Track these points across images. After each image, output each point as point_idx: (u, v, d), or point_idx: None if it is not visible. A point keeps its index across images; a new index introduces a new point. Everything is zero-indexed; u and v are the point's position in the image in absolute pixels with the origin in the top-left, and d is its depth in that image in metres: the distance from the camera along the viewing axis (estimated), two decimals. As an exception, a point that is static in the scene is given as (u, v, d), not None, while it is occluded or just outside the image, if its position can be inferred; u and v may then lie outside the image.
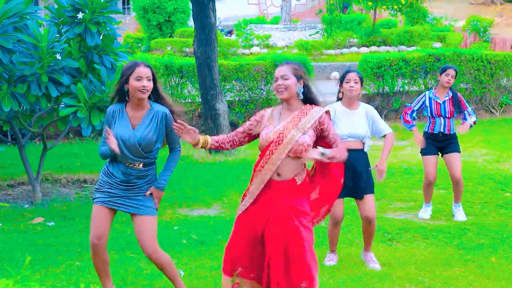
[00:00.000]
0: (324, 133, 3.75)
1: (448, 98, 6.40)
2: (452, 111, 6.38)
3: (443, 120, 6.39)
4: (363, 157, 5.00)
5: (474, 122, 6.40)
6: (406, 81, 12.83)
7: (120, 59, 6.99)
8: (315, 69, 14.13)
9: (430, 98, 6.42)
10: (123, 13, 23.31)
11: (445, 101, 6.38)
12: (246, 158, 9.60)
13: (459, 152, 6.49)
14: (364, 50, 17.14)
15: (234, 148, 3.90)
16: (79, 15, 6.48)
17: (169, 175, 4.20)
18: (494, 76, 13.06)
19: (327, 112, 3.80)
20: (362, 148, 5.00)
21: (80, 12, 6.51)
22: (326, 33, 18.75)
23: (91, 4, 6.49)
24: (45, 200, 7.36)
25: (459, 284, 4.67)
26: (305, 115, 3.73)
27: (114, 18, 6.94)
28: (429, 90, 6.49)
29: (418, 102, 6.45)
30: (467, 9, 23.76)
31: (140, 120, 4.05)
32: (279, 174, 3.70)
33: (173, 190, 7.59)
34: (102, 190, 4.13)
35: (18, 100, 6.53)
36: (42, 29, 6.56)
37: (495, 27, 21.05)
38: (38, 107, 7.17)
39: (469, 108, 6.45)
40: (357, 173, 4.93)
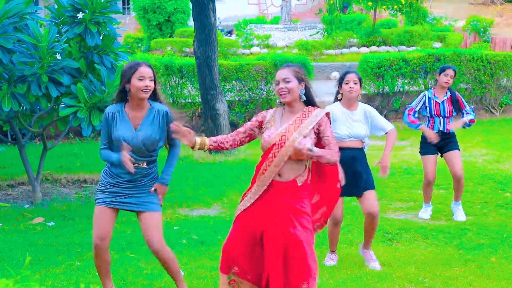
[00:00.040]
0: (320, 135, 3.75)
1: (447, 98, 6.41)
2: (451, 111, 6.39)
3: (442, 120, 6.40)
4: (362, 156, 5.03)
5: (471, 120, 6.40)
6: (406, 81, 12.82)
7: (120, 59, 7.00)
8: (315, 69, 14.12)
9: (430, 98, 6.42)
10: (123, 13, 23.32)
11: (444, 101, 6.40)
12: (246, 158, 9.60)
13: (459, 150, 6.51)
14: (364, 50, 17.14)
15: (235, 148, 3.88)
16: (79, 15, 6.49)
17: (172, 170, 4.24)
18: (494, 76, 13.06)
19: (328, 115, 3.80)
20: (361, 147, 5.02)
21: (80, 12, 6.51)
22: (327, 33, 18.76)
23: (91, 4, 6.49)
24: (45, 200, 7.36)
25: (459, 284, 4.67)
26: (307, 117, 3.73)
27: (114, 18, 6.95)
28: (428, 90, 6.50)
29: (419, 102, 6.45)
30: (467, 9, 23.77)
31: (142, 120, 4.06)
32: (280, 175, 3.70)
33: (173, 190, 7.58)
34: (105, 191, 4.13)
35: (18, 100, 6.53)
36: (42, 29, 6.56)
37: (495, 27, 21.05)
38: (38, 107, 7.17)
39: (468, 107, 6.45)
40: (357, 172, 4.95)
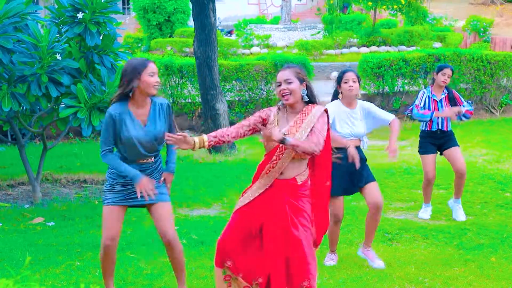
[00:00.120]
0: (313, 128, 3.72)
1: (444, 96, 6.45)
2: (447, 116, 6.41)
3: (441, 118, 6.42)
4: (360, 154, 5.04)
5: (469, 112, 6.38)
6: (406, 81, 12.82)
7: (120, 59, 7.00)
8: (315, 69, 14.12)
9: (428, 97, 6.44)
10: (123, 13, 23.32)
11: (442, 99, 6.43)
12: (246, 158, 9.60)
13: (459, 146, 6.52)
14: (364, 50, 17.14)
15: (237, 140, 3.85)
16: (79, 15, 6.49)
17: (175, 158, 4.32)
18: (494, 76, 13.06)
19: (326, 111, 3.80)
20: (359, 146, 5.06)
21: (80, 12, 6.51)
22: (327, 33, 18.76)
23: (91, 4, 6.49)
24: (45, 200, 7.36)
25: (459, 284, 4.67)
26: (307, 116, 3.74)
27: (114, 18, 6.94)
28: (426, 88, 6.51)
29: (422, 99, 6.45)
30: (467, 9, 23.77)
31: (148, 116, 4.09)
32: (282, 173, 3.73)
33: (173, 190, 7.56)
34: (115, 191, 4.14)
35: (18, 100, 6.53)
36: (43, 29, 6.56)
37: (495, 27, 21.06)
38: (38, 107, 7.17)
39: (465, 103, 6.46)
40: (356, 171, 4.97)
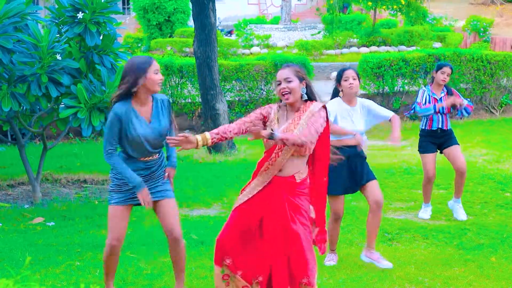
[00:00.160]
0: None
1: (444, 94, 6.46)
2: (449, 107, 6.41)
3: (441, 116, 6.43)
4: (359, 152, 5.06)
5: (469, 106, 6.39)
6: (406, 81, 12.82)
7: (120, 59, 6.99)
8: (315, 69, 14.12)
9: (429, 95, 6.44)
10: (123, 13, 23.32)
11: (442, 98, 6.44)
12: (246, 158, 9.60)
13: (459, 145, 6.52)
14: (364, 50, 17.14)
15: (238, 135, 3.84)
16: (79, 15, 6.49)
17: (176, 152, 4.33)
18: (494, 76, 13.06)
19: (324, 107, 3.80)
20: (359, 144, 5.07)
21: (80, 12, 6.51)
22: (328, 33, 18.76)
23: (91, 4, 6.49)
24: (45, 200, 7.36)
25: (459, 284, 4.67)
26: (304, 112, 3.75)
27: (114, 18, 6.94)
28: (426, 87, 6.51)
29: (422, 97, 6.45)
30: (467, 9, 23.78)
31: (151, 113, 4.11)
32: (281, 170, 3.74)
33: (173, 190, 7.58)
34: (122, 190, 4.14)
35: (18, 100, 6.53)
36: (43, 29, 6.56)
37: (495, 27, 21.06)
38: (38, 107, 7.17)
39: (465, 100, 6.48)
40: (357, 169, 5.01)
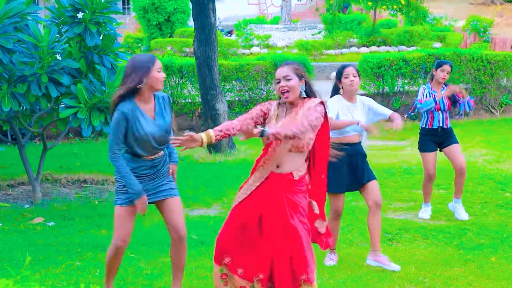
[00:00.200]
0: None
1: (444, 92, 6.46)
2: (450, 104, 6.42)
3: (441, 114, 6.42)
4: (359, 149, 5.08)
5: (470, 100, 6.40)
6: (406, 81, 12.82)
7: (120, 59, 6.99)
8: (315, 69, 14.12)
9: (429, 93, 6.43)
10: (123, 13, 23.31)
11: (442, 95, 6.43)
12: (246, 158, 9.60)
13: (459, 143, 6.52)
14: (364, 50, 17.15)
15: (240, 132, 3.83)
16: (79, 15, 6.49)
17: (176, 148, 4.32)
18: (494, 76, 13.06)
19: (322, 103, 3.79)
20: (359, 142, 5.09)
21: (80, 12, 6.51)
22: (328, 33, 18.77)
23: (91, 4, 6.49)
24: (45, 200, 7.36)
25: (459, 284, 4.67)
26: (301, 108, 3.75)
27: (114, 18, 6.94)
28: (426, 85, 6.50)
29: (423, 95, 6.44)
30: (467, 9, 23.78)
31: (154, 111, 4.12)
32: (279, 166, 3.73)
33: (173, 190, 7.58)
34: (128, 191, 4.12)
35: (18, 100, 6.53)
36: (43, 29, 6.56)
37: (495, 27, 21.07)
38: (38, 107, 7.17)
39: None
40: (357, 167, 5.02)
